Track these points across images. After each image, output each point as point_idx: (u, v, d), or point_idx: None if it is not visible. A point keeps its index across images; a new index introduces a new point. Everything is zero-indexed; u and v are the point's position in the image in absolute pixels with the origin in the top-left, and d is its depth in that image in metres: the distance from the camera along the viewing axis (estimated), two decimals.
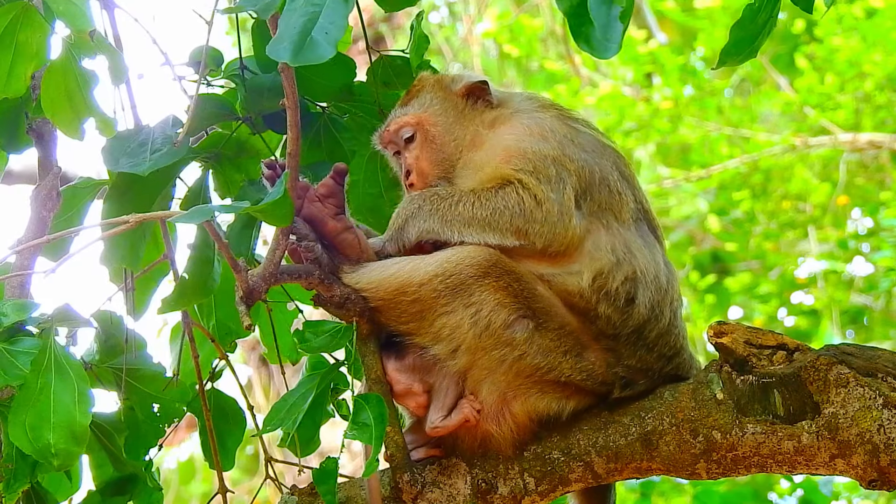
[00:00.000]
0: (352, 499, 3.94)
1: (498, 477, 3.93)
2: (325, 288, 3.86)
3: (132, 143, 4.25)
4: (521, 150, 3.98)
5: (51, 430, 3.56)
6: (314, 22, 3.50)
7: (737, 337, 3.86)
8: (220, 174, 4.65)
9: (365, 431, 3.69)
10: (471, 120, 4.18)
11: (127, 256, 4.57)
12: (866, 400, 3.71)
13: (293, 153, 3.65)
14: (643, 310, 3.91)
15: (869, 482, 3.73)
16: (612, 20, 3.62)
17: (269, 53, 3.49)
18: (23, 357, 3.61)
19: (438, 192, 3.98)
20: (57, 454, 3.56)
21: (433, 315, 3.83)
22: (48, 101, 4.13)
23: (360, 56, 4.71)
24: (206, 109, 4.47)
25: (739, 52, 3.74)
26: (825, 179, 14.16)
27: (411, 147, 4.20)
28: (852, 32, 13.42)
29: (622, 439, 3.88)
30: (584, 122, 4.21)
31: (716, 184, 13.99)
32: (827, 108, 13.66)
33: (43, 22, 4.07)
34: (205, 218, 3.50)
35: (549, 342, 3.84)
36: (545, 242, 3.89)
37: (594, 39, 3.63)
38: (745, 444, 3.79)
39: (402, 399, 3.97)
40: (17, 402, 3.58)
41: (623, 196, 4.03)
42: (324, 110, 4.60)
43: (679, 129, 13.86)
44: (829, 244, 13.85)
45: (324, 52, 3.48)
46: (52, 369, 3.61)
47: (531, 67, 15.53)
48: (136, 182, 4.38)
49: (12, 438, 3.55)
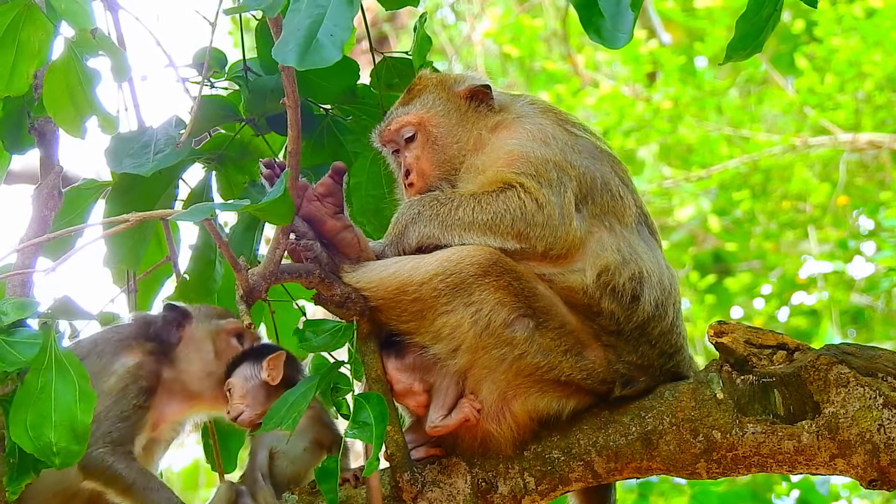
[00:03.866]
0: (352, 498, 3.95)
1: (498, 476, 3.94)
2: (326, 287, 3.86)
3: (135, 144, 4.26)
4: (524, 154, 3.99)
5: (52, 429, 3.56)
6: (319, 24, 3.48)
7: (737, 337, 3.87)
8: (223, 176, 4.67)
9: (365, 430, 3.70)
10: (473, 123, 4.17)
11: (127, 257, 4.58)
12: (866, 400, 3.71)
13: (293, 152, 3.65)
14: (648, 307, 3.92)
15: (869, 482, 3.74)
16: (622, 10, 3.62)
17: (275, 56, 3.47)
18: (20, 346, 3.61)
19: (438, 197, 3.98)
20: (58, 453, 3.56)
21: (433, 314, 3.84)
22: (50, 100, 4.14)
23: (363, 56, 4.71)
24: (210, 111, 4.48)
25: (746, 46, 3.74)
26: (825, 179, 14.16)
27: (412, 146, 4.20)
28: (852, 32, 13.42)
29: (622, 439, 3.89)
30: (582, 126, 4.22)
31: (716, 184, 13.98)
32: (827, 108, 13.65)
33: (45, 20, 4.08)
34: (204, 216, 3.50)
35: (549, 341, 3.85)
36: (546, 246, 3.89)
37: (604, 30, 3.62)
38: (746, 443, 3.80)
39: (403, 398, 3.97)
40: (17, 401, 3.58)
41: (625, 200, 4.05)
42: (327, 112, 4.60)
43: (679, 129, 13.85)
44: (829, 244, 13.85)
45: (329, 56, 3.46)
46: (52, 368, 3.62)
47: (533, 67, 15.52)
48: (138, 183, 4.40)
49: (13, 437, 3.56)
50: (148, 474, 3.97)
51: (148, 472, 3.99)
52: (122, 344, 4.17)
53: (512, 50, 15.03)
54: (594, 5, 3.63)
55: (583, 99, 13.98)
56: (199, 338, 4.18)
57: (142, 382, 4.07)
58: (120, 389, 4.03)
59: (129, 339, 4.19)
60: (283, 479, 3.99)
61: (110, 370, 4.07)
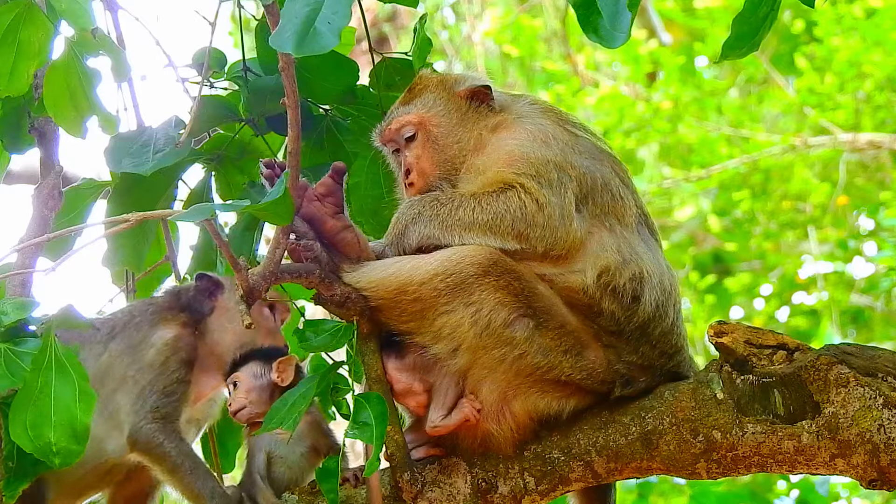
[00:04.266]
0: (352, 497, 3.95)
1: (498, 476, 3.94)
2: (326, 287, 3.86)
3: (135, 144, 4.26)
4: (524, 154, 3.98)
5: (51, 429, 3.57)
6: (317, 12, 3.48)
7: (737, 337, 3.87)
8: (223, 176, 4.67)
9: (366, 430, 3.70)
10: (474, 123, 4.17)
11: (129, 258, 4.59)
12: (866, 400, 3.71)
13: (293, 152, 3.65)
14: (648, 308, 3.91)
15: (869, 482, 3.74)
16: (620, 9, 3.62)
17: (272, 44, 3.48)
18: (27, 358, 3.62)
19: (438, 198, 3.98)
20: (58, 453, 3.56)
21: (433, 314, 3.83)
22: (51, 100, 4.14)
23: (363, 56, 4.71)
24: (209, 111, 4.48)
25: (741, 45, 3.74)
26: (825, 179, 14.17)
27: (412, 146, 4.19)
28: (852, 32, 13.42)
29: (622, 439, 3.89)
30: (582, 126, 4.22)
31: (716, 184, 13.99)
32: (827, 108, 13.66)
33: (45, 20, 4.08)
34: (205, 216, 3.51)
35: (549, 341, 3.85)
36: (547, 246, 3.89)
37: (602, 29, 3.63)
38: (746, 443, 3.80)
39: (403, 398, 3.97)
40: (17, 401, 3.58)
41: (625, 200, 4.05)
42: (326, 113, 4.60)
43: (679, 129, 13.86)
44: (829, 244, 13.86)
45: (327, 43, 3.47)
46: (52, 368, 3.62)
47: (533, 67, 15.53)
48: (138, 183, 4.40)
49: (13, 437, 3.56)
50: (195, 458, 3.98)
51: (196, 456, 4.00)
52: (159, 316, 4.16)
53: (512, 50, 15.04)
54: (592, 5, 3.64)
55: (583, 99, 13.99)
56: (231, 308, 4.15)
57: (182, 354, 4.07)
58: (161, 363, 4.03)
59: (164, 311, 4.18)
60: (279, 483, 3.99)
61: (149, 342, 4.07)
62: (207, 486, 3.92)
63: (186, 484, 3.92)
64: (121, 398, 4.00)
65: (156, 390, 3.98)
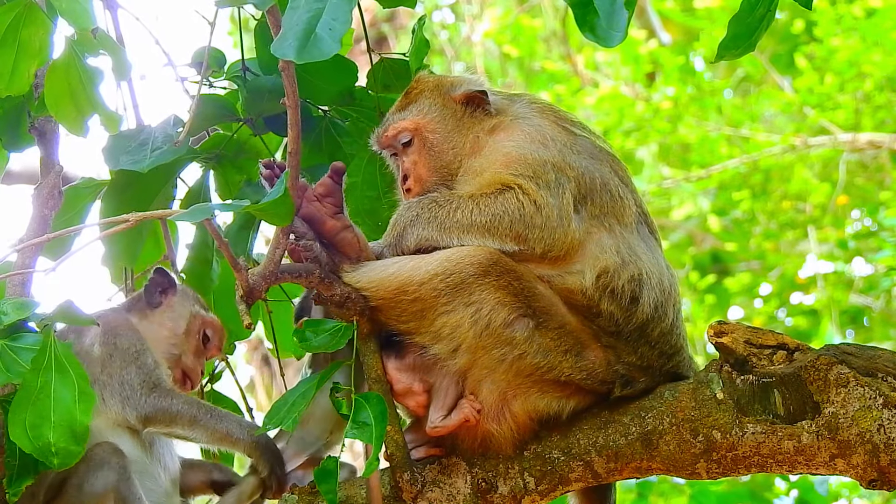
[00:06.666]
0: (352, 497, 3.95)
1: (498, 476, 3.94)
2: (326, 287, 3.86)
3: (133, 142, 4.27)
4: (521, 156, 3.98)
5: (51, 429, 3.56)
6: (318, 18, 3.50)
7: (737, 337, 3.87)
8: (221, 175, 4.67)
9: (365, 430, 3.70)
10: (470, 127, 4.17)
11: (124, 253, 4.58)
12: (866, 400, 3.71)
13: (293, 152, 3.66)
14: (647, 309, 3.91)
15: (869, 482, 3.74)
16: (616, 8, 3.62)
17: (274, 51, 3.48)
18: (25, 353, 3.62)
19: (436, 200, 3.97)
20: (57, 453, 3.56)
21: (433, 314, 3.83)
22: (52, 99, 4.14)
23: (361, 56, 4.71)
24: (208, 110, 4.48)
25: (737, 45, 3.74)
26: (825, 179, 14.17)
27: (409, 151, 4.19)
28: (852, 32, 13.42)
29: (622, 439, 3.89)
30: (581, 125, 4.21)
31: (716, 184, 13.99)
32: (827, 108, 13.66)
33: (46, 20, 4.08)
34: (204, 216, 3.51)
35: (549, 341, 3.84)
36: (545, 247, 3.89)
37: (599, 28, 3.63)
38: (745, 443, 3.80)
39: (402, 398, 3.97)
40: (17, 401, 3.58)
41: (624, 200, 4.04)
42: (325, 114, 4.60)
43: (678, 129, 13.86)
44: (829, 244, 13.86)
45: (328, 49, 3.48)
46: (52, 368, 3.62)
47: (533, 67, 15.53)
48: (135, 180, 4.40)
49: (13, 437, 3.56)
50: (206, 405, 4.06)
51: (205, 403, 4.08)
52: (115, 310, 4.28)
53: (512, 50, 15.04)
54: (589, 4, 3.64)
55: (583, 99, 13.99)
56: (177, 311, 4.25)
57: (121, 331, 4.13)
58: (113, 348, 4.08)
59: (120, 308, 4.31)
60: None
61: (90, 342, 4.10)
62: (232, 421, 4.02)
63: (211, 428, 4.00)
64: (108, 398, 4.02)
65: (131, 370, 4.04)
